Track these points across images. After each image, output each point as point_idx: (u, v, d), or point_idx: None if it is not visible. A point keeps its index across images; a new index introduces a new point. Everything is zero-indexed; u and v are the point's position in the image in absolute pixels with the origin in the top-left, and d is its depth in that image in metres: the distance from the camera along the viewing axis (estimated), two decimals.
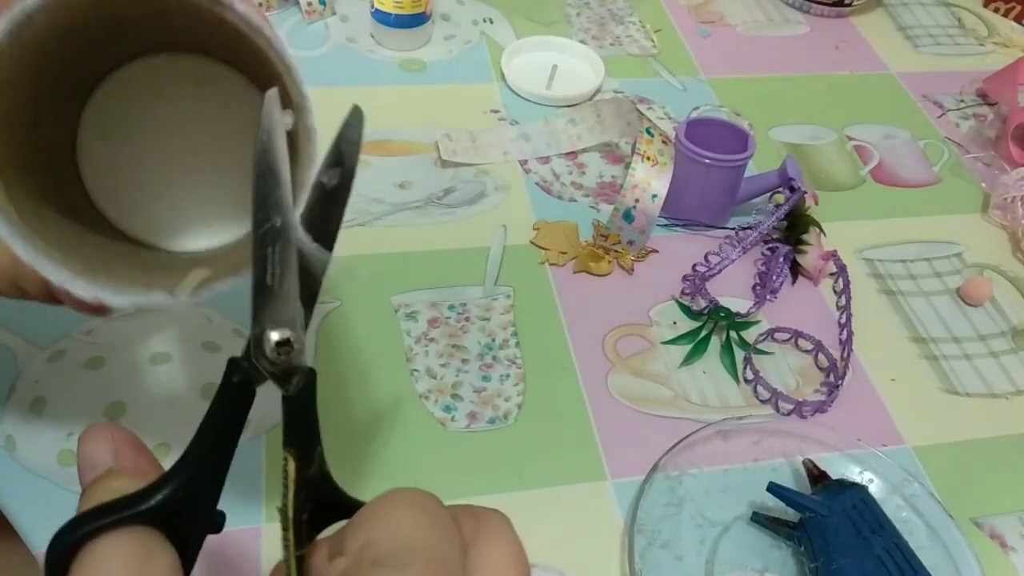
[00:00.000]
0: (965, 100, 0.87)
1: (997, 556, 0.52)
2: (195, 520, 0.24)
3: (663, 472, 0.52)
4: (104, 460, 0.24)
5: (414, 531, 0.22)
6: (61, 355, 0.54)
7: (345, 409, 0.54)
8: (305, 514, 0.25)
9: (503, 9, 0.89)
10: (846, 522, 0.48)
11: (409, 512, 0.22)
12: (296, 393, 0.25)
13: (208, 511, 0.24)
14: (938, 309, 0.66)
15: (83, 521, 0.22)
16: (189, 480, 0.23)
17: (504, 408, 0.55)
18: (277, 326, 0.25)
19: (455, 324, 0.59)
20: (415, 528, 0.22)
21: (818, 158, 0.78)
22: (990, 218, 0.74)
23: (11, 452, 0.50)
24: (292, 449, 0.25)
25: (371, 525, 0.22)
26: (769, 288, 0.64)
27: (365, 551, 0.22)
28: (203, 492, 0.24)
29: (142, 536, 0.22)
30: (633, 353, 0.59)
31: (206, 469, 0.24)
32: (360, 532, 0.22)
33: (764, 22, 0.94)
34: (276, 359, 0.25)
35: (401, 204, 0.67)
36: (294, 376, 0.25)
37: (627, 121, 0.71)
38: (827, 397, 0.58)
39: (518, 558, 0.24)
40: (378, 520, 0.22)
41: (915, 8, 1.00)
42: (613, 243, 0.64)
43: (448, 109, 0.76)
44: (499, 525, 0.24)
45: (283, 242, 0.25)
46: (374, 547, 0.22)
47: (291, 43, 0.81)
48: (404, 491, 0.23)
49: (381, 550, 0.21)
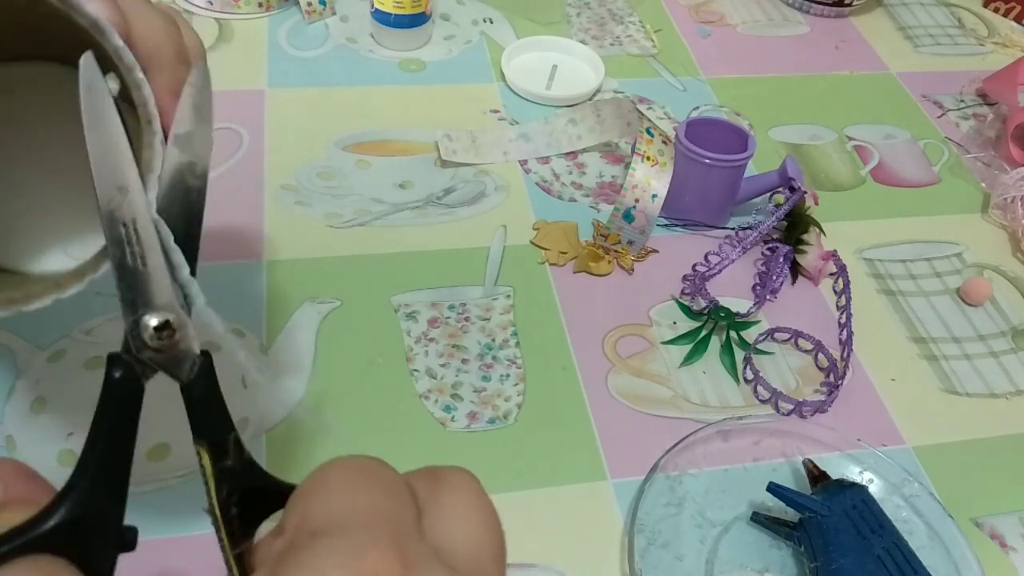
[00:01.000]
0: (965, 100, 0.87)
1: (997, 556, 0.52)
2: (100, 539, 0.22)
3: (663, 472, 0.52)
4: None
5: (355, 495, 0.20)
6: (61, 355, 0.54)
7: (345, 409, 0.54)
8: (233, 508, 0.23)
9: (503, 9, 0.89)
10: (846, 522, 0.48)
11: (348, 476, 0.21)
12: (192, 381, 0.24)
13: (114, 527, 0.22)
14: (938, 309, 0.66)
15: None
16: (85, 496, 0.21)
17: (504, 408, 0.55)
18: (151, 309, 0.23)
19: (455, 324, 0.59)
20: (356, 490, 0.20)
21: (818, 158, 0.78)
22: (990, 218, 0.74)
23: (11, 452, 0.50)
24: (203, 442, 0.23)
25: (307, 498, 0.21)
26: (769, 288, 0.64)
27: (302, 524, 0.20)
28: (104, 506, 0.22)
29: (41, 564, 0.20)
30: (633, 353, 0.59)
31: (102, 480, 0.22)
32: (296, 508, 0.21)
33: (764, 22, 0.94)
34: (159, 346, 0.23)
35: (401, 204, 0.67)
36: (184, 363, 0.23)
37: (627, 121, 0.71)
38: (827, 397, 0.58)
39: (482, 507, 0.22)
40: (313, 492, 0.21)
41: (915, 8, 1.00)
42: (613, 243, 0.64)
43: (448, 109, 0.76)
44: (458, 479, 0.22)
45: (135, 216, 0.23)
46: (311, 519, 0.20)
47: (291, 43, 0.81)
48: (339, 459, 0.22)
49: (319, 520, 0.20)
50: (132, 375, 0.23)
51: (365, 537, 0.19)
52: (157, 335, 0.23)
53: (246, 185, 0.67)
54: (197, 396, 0.24)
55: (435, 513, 0.21)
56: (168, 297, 0.23)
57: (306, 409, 0.53)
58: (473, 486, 0.22)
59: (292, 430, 0.52)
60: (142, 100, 0.27)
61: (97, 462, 0.22)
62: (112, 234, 0.23)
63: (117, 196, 0.22)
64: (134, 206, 0.23)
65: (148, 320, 0.23)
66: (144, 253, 0.23)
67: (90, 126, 0.22)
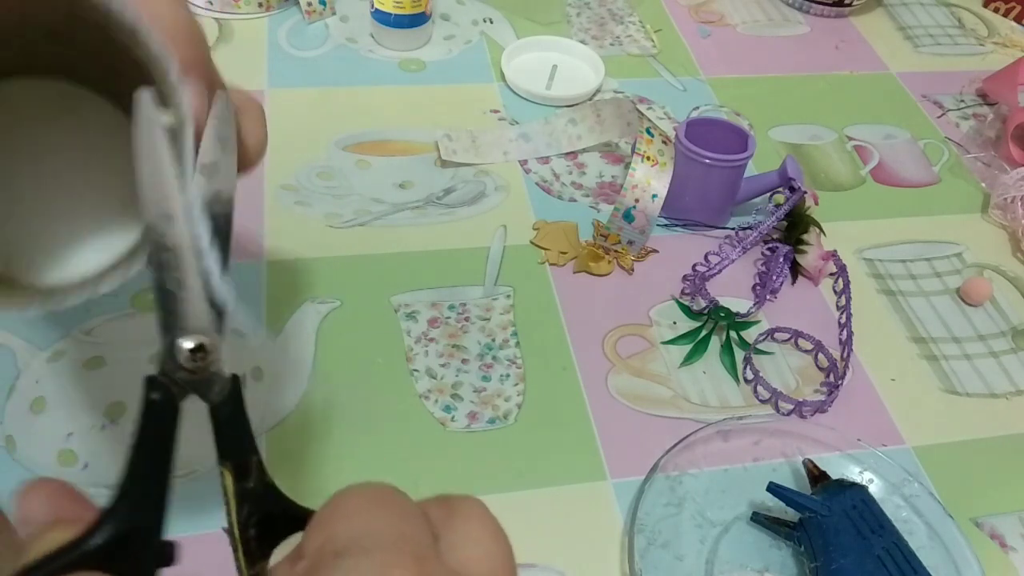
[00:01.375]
0: (965, 100, 0.87)
1: (997, 556, 0.52)
2: (143, 555, 0.22)
3: (663, 472, 0.52)
4: (41, 514, 0.23)
5: (374, 518, 0.21)
6: (61, 355, 0.54)
7: (345, 409, 0.54)
8: (252, 529, 0.24)
9: (503, 9, 0.89)
10: (846, 522, 0.48)
11: (367, 502, 0.22)
12: (221, 402, 0.24)
13: (156, 543, 0.23)
14: (938, 309, 0.66)
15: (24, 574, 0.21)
16: (128, 514, 0.22)
17: (504, 408, 0.55)
18: (187, 333, 0.24)
19: (455, 324, 0.59)
20: (375, 515, 0.21)
21: (818, 158, 0.78)
22: (990, 218, 0.74)
23: (11, 452, 0.50)
24: (228, 463, 0.24)
25: (328, 522, 0.22)
26: (769, 288, 0.64)
27: (325, 547, 0.21)
28: (146, 524, 0.23)
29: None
30: (633, 353, 0.59)
31: (144, 499, 0.23)
32: (317, 532, 0.21)
33: (764, 22, 0.94)
34: (193, 367, 0.24)
35: (401, 204, 0.67)
36: (215, 384, 0.24)
37: (627, 121, 0.71)
38: (827, 397, 0.58)
39: (495, 532, 0.23)
40: (335, 516, 0.22)
41: (915, 8, 1.00)
42: (613, 243, 0.64)
43: (448, 109, 0.76)
44: (471, 506, 0.23)
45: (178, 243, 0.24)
46: (334, 541, 0.21)
47: (291, 43, 0.81)
48: (358, 485, 0.22)
49: (342, 542, 0.20)
50: (168, 396, 0.24)
51: (389, 557, 0.20)
52: (191, 357, 0.24)
53: (246, 185, 0.66)
54: (225, 417, 0.24)
55: (450, 539, 0.22)
56: (203, 321, 0.24)
57: (306, 409, 0.53)
58: (486, 514, 0.23)
59: (292, 430, 0.52)
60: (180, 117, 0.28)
61: (139, 482, 0.23)
62: (156, 259, 0.23)
63: (162, 223, 0.23)
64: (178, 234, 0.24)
65: (183, 343, 0.24)
66: (183, 278, 0.24)
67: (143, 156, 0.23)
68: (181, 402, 0.24)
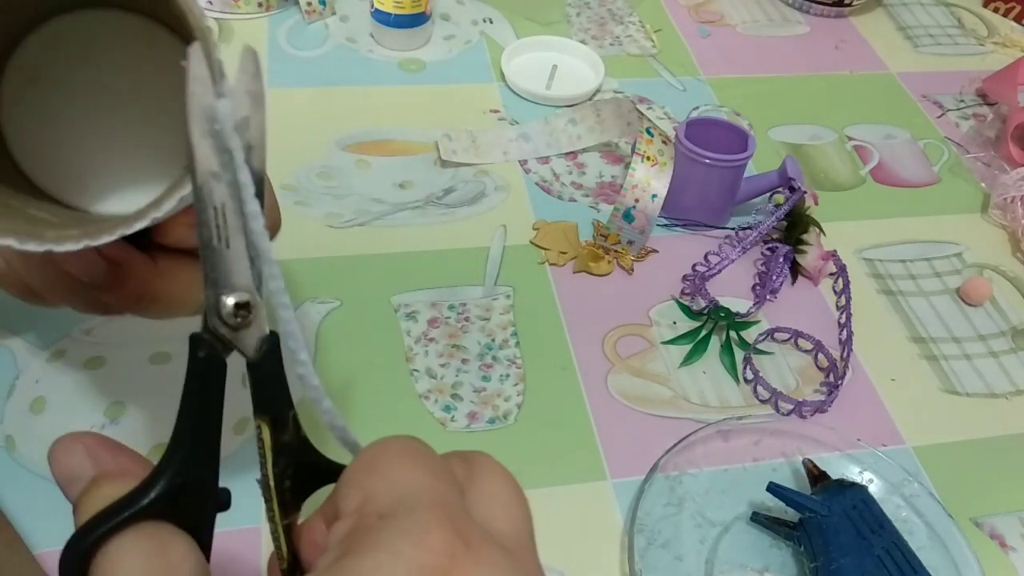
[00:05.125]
0: (965, 100, 0.87)
1: (997, 556, 0.52)
2: (200, 503, 0.23)
3: (663, 472, 0.52)
4: (84, 470, 0.23)
5: (412, 477, 0.22)
6: (61, 355, 0.54)
7: (345, 409, 0.54)
8: (288, 481, 0.24)
9: (503, 9, 0.89)
10: (846, 522, 0.48)
11: (403, 460, 0.22)
12: (261, 358, 0.25)
13: (211, 491, 0.24)
14: (938, 309, 0.66)
15: (87, 531, 0.21)
16: (183, 465, 0.23)
17: (504, 408, 0.55)
18: (232, 290, 0.24)
19: (455, 324, 0.59)
20: (412, 474, 0.22)
21: (818, 158, 0.78)
22: (990, 218, 0.74)
23: (11, 452, 0.50)
24: (265, 416, 0.25)
25: (366, 480, 0.22)
26: (769, 288, 0.64)
27: (366, 507, 0.21)
28: (200, 474, 0.24)
29: (152, 529, 0.22)
30: (633, 353, 0.59)
31: (197, 451, 0.23)
32: (354, 490, 0.22)
33: (764, 22, 0.94)
34: (235, 323, 0.24)
35: (401, 204, 0.67)
36: (256, 341, 0.25)
37: (627, 121, 0.71)
38: (827, 397, 0.58)
39: (516, 490, 0.23)
40: (373, 473, 0.22)
41: (915, 8, 1.00)
42: (613, 243, 0.64)
43: (448, 109, 0.76)
44: (491, 463, 0.24)
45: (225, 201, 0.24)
46: (375, 500, 0.21)
47: (291, 43, 0.81)
48: (391, 440, 0.23)
49: (383, 502, 0.21)
50: (214, 352, 0.24)
51: (428, 516, 0.20)
52: (235, 313, 0.24)
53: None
54: (265, 373, 0.25)
55: (475, 496, 0.22)
56: (247, 279, 0.24)
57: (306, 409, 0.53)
58: (505, 471, 0.24)
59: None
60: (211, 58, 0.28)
61: (191, 435, 0.23)
62: (203, 216, 0.24)
63: (211, 181, 0.23)
64: (225, 192, 0.24)
65: (227, 299, 0.24)
66: (229, 235, 0.24)
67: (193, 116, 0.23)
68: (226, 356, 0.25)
